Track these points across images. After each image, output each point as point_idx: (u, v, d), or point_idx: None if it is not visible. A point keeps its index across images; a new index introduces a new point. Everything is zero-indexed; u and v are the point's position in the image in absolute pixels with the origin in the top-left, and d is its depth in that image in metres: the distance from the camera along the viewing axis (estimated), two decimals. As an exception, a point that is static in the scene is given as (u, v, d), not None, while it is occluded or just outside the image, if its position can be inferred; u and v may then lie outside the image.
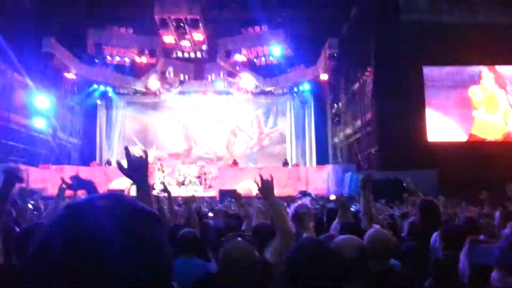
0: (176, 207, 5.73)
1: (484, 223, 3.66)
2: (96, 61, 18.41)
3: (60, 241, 0.59)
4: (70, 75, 17.37)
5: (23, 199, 3.54)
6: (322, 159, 18.92)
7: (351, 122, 16.94)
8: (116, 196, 0.68)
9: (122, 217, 0.63)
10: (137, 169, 1.50)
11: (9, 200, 2.32)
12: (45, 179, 13.41)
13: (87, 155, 18.93)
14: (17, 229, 2.66)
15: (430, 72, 15.00)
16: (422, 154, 12.83)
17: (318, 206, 6.95)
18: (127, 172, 1.51)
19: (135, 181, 1.50)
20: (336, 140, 18.87)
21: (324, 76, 17.42)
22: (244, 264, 1.64)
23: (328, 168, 16.42)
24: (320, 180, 16.18)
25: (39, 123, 16.24)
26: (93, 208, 0.63)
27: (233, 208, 6.63)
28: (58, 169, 15.77)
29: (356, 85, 16.36)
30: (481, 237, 2.08)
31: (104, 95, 20.22)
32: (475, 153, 13.15)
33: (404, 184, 4.65)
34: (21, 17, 14.01)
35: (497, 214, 3.79)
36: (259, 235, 2.79)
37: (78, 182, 2.05)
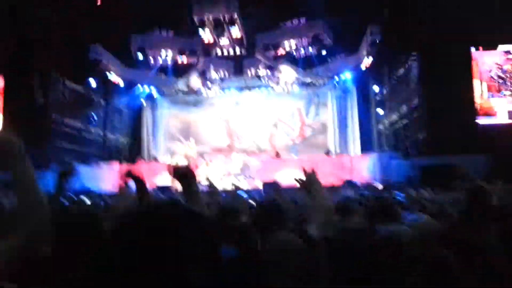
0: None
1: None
2: (140, 64, 19.10)
3: (122, 251, 0.66)
4: (116, 79, 18.14)
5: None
6: (366, 147, 18.53)
7: (397, 108, 16.46)
8: (170, 205, 0.75)
9: (183, 224, 0.70)
10: (183, 175, 1.62)
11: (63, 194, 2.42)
12: (97, 177, 14.15)
13: (136, 154, 19.79)
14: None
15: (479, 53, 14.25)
16: (472, 138, 12.27)
17: (366, 193, 6.77)
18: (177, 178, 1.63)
19: (183, 185, 1.62)
20: (381, 127, 18.41)
21: (366, 63, 17.00)
22: (294, 258, 1.65)
23: (373, 156, 16.09)
24: (366, 169, 15.89)
25: (91, 126, 17.17)
26: (151, 219, 0.71)
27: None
28: (109, 167, 16.61)
29: (401, 71, 15.86)
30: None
31: (148, 96, 20.97)
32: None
33: (459, 171, 4.45)
34: (68, 27, 14.75)
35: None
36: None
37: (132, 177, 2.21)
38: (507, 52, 14.19)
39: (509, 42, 14.03)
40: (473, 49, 14.15)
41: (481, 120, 13.87)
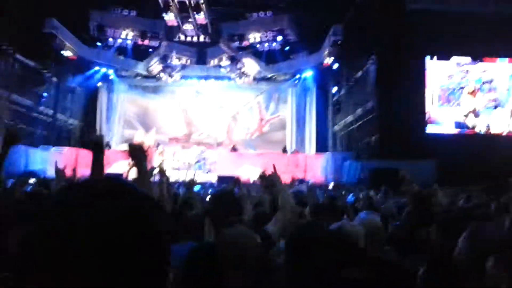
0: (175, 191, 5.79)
1: (481, 212, 3.72)
2: (98, 43, 18.31)
3: (58, 224, 0.59)
4: (71, 57, 17.27)
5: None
6: (322, 147, 18.95)
7: (352, 110, 16.92)
8: (115, 180, 0.68)
9: (121, 201, 0.62)
10: (137, 153, 1.56)
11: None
12: (45, 161, 13.48)
13: (87, 138, 18.96)
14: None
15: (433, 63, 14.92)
16: (421, 144, 12.87)
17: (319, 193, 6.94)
18: (131, 155, 1.57)
19: (137, 162, 1.57)
20: (336, 128, 18.88)
21: (327, 63, 17.32)
22: (249, 252, 1.64)
23: (327, 155, 16.47)
24: (319, 168, 16.26)
25: (40, 104, 16.25)
26: (93, 191, 0.63)
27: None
28: (58, 151, 15.85)
29: (359, 73, 16.30)
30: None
31: (105, 78, 20.14)
32: (473, 144, 13.21)
33: (400, 175, 4.68)
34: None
35: (491, 206, 3.85)
36: (258, 223, 2.82)
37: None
38: (458, 64, 14.97)
39: (461, 54, 14.78)
40: (428, 58, 14.78)
41: (429, 128, 14.56)
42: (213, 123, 20.98)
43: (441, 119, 14.73)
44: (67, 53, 16.88)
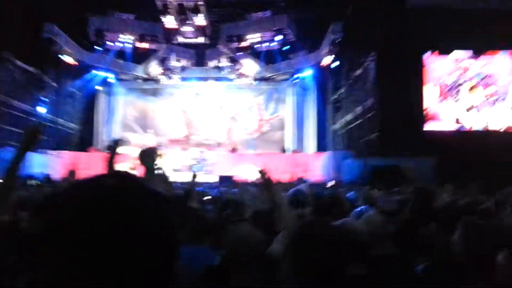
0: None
1: (482, 208, 3.74)
2: (97, 47, 18.31)
3: (68, 220, 0.58)
4: (70, 61, 17.28)
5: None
6: (321, 146, 18.94)
7: (352, 109, 16.91)
8: (124, 175, 0.67)
9: (131, 195, 0.62)
10: (147, 157, 1.59)
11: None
12: (43, 165, 13.50)
13: (86, 141, 19.00)
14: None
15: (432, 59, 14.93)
16: (420, 141, 12.89)
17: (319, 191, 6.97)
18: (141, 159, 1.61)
19: (146, 167, 1.59)
20: (336, 126, 18.88)
21: (326, 62, 17.31)
22: (252, 248, 1.67)
23: (327, 154, 16.47)
24: (319, 167, 16.26)
25: (39, 109, 16.27)
26: (101, 187, 0.63)
27: (231, 193, 6.69)
28: (58, 155, 15.89)
29: (359, 71, 16.29)
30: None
31: (104, 81, 20.16)
32: (472, 141, 13.23)
33: (403, 173, 4.71)
34: (22, 2, 13.88)
35: (492, 199, 3.88)
36: (258, 221, 2.84)
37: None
38: (456, 60, 14.98)
39: (461, 49, 14.76)
40: (427, 54, 14.76)
41: (428, 125, 14.58)
42: (212, 124, 20.99)
43: (440, 116, 14.75)
44: (66, 58, 16.89)
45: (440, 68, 14.99)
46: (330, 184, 11.38)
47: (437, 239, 2.63)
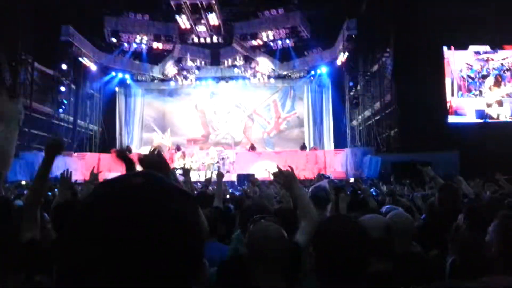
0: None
1: (508, 202, 3.61)
2: (114, 48, 18.55)
3: (96, 218, 0.59)
4: (88, 63, 17.56)
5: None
6: (340, 143, 18.78)
7: (370, 104, 16.72)
8: (149, 174, 0.67)
9: (156, 194, 0.62)
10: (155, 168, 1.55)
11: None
12: (67, 166, 13.72)
13: (108, 142, 19.27)
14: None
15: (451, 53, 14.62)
16: (443, 135, 12.62)
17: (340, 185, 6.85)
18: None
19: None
20: (354, 123, 18.69)
21: (342, 58, 17.16)
22: (275, 245, 1.63)
23: (347, 151, 16.32)
24: (339, 164, 16.12)
25: (60, 111, 16.57)
26: (127, 186, 0.63)
27: (249, 191, 6.66)
28: (80, 156, 16.15)
29: (375, 67, 16.08)
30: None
31: (122, 82, 20.44)
32: (497, 133, 12.87)
33: (424, 172, 4.58)
34: (40, 5, 14.14)
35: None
36: (280, 218, 2.79)
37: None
38: (477, 53, 14.62)
39: (479, 43, 14.45)
40: (445, 48, 14.49)
41: (451, 118, 14.27)
42: (230, 123, 21.04)
43: (462, 110, 14.42)
44: (84, 60, 17.17)
45: (460, 62, 14.65)
46: (351, 180, 11.25)
47: (463, 232, 2.53)
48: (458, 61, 14.70)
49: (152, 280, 0.57)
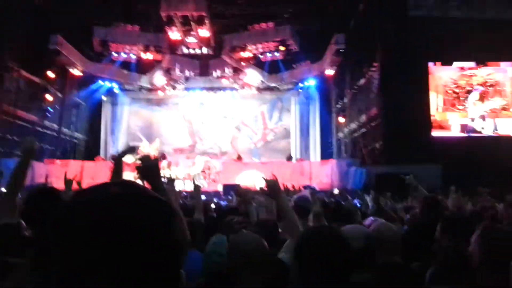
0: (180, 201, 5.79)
1: (488, 214, 3.69)
2: (102, 58, 18.48)
3: (73, 227, 0.58)
4: (76, 72, 17.43)
5: None
6: (326, 154, 18.92)
7: (356, 117, 16.92)
8: (129, 184, 0.66)
9: (135, 204, 0.61)
10: (150, 172, 1.56)
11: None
12: (50, 174, 13.52)
13: (92, 151, 19.09)
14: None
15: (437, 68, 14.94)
16: (426, 149, 12.81)
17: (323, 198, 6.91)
18: (141, 176, 1.56)
19: (149, 183, 1.55)
20: (340, 135, 18.87)
21: (330, 72, 17.36)
22: (255, 256, 1.63)
23: (332, 162, 16.43)
24: (324, 175, 16.20)
25: (45, 119, 16.37)
26: (104, 195, 0.62)
27: (234, 202, 6.65)
28: (64, 164, 15.92)
29: (362, 81, 16.32)
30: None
31: (109, 91, 20.34)
32: (480, 147, 13.11)
33: (406, 181, 4.66)
34: (28, 14, 14.04)
35: (501, 205, 3.82)
36: (262, 230, 2.80)
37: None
38: (462, 68, 14.96)
39: (463, 59, 14.79)
40: (430, 64, 14.79)
41: (435, 133, 14.50)
42: (217, 133, 21.03)
43: (446, 124, 14.68)
44: (71, 68, 17.04)
45: (444, 77, 14.96)
46: (335, 192, 11.32)
47: (444, 246, 2.58)
48: (443, 76, 15.01)
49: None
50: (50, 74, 16.10)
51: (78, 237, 0.57)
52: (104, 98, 20.49)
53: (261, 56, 18.58)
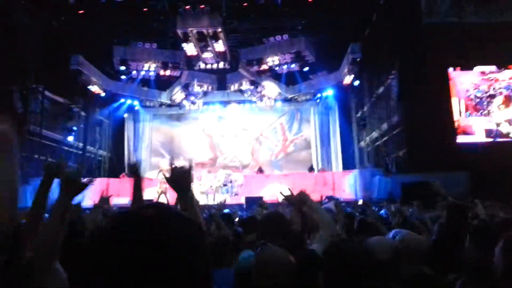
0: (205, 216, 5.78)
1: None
2: (123, 76, 18.93)
3: (109, 251, 0.63)
4: (98, 91, 17.90)
5: None
6: (348, 164, 18.71)
7: (377, 126, 16.71)
8: (160, 206, 0.72)
9: (168, 226, 0.66)
10: (181, 180, 1.56)
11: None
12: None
13: (116, 167, 19.43)
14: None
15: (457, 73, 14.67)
16: (452, 156, 12.51)
17: (348, 210, 6.81)
18: (171, 183, 1.57)
19: (178, 192, 1.55)
20: (362, 144, 18.65)
21: (347, 81, 17.27)
22: (283, 272, 1.61)
23: (355, 172, 16.22)
24: (347, 185, 16.00)
25: (70, 138, 16.81)
26: (139, 218, 0.67)
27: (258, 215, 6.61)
28: (89, 182, 16.20)
29: (381, 89, 16.16)
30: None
31: (131, 109, 20.81)
32: (508, 152, 12.71)
33: (434, 190, 4.53)
34: (49, 36, 14.55)
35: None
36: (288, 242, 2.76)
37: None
38: (483, 73, 14.63)
39: (484, 63, 14.49)
40: (451, 69, 14.55)
41: (460, 138, 14.17)
42: (237, 147, 21.12)
43: (470, 129, 14.32)
44: (93, 87, 17.51)
45: (466, 82, 14.66)
46: (359, 202, 11.14)
47: (472, 256, 2.49)
48: (464, 82, 14.70)
49: None
50: (73, 93, 16.59)
51: (119, 259, 0.62)
52: (126, 115, 20.94)
53: (277, 68, 18.64)
